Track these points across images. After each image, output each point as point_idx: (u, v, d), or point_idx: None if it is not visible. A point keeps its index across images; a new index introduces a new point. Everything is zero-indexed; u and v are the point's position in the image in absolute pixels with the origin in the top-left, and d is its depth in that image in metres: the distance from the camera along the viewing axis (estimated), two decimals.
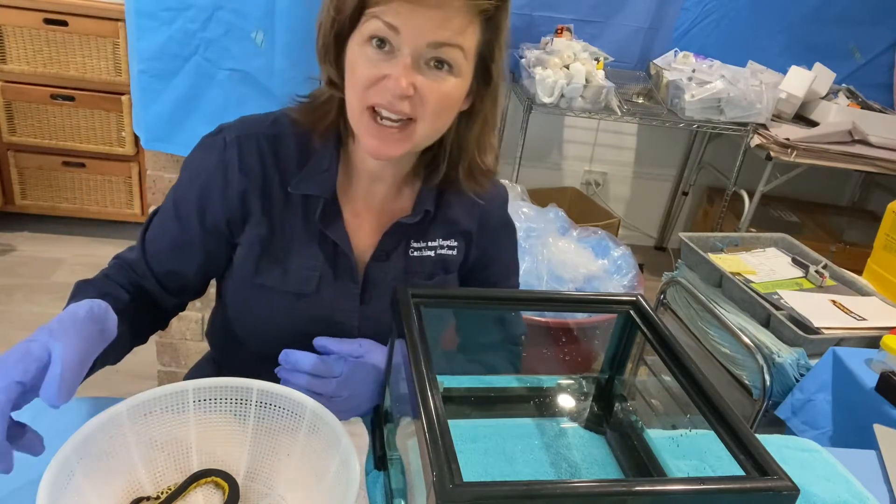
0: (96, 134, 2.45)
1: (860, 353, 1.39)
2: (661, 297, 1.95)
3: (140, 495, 0.65)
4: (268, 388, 0.70)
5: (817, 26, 2.86)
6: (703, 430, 0.61)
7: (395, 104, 0.72)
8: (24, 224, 2.62)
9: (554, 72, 2.41)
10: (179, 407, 0.69)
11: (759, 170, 2.55)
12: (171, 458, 0.68)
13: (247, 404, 0.71)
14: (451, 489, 0.47)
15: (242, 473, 0.70)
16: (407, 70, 0.70)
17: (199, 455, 0.70)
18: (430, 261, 0.89)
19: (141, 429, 0.66)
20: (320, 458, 0.67)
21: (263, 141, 0.83)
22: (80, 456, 0.60)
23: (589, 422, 0.85)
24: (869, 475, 0.89)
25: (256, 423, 0.70)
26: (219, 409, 0.70)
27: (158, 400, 0.67)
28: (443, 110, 0.75)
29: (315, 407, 0.68)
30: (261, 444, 0.70)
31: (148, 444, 0.67)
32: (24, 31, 2.26)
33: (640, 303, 0.76)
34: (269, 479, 0.70)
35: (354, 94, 0.74)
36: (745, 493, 0.52)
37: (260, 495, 0.69)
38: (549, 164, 3.12)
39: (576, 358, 1.90)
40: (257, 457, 0.71)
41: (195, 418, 0.69)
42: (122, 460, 0.65)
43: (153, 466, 0.67)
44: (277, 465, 0.70)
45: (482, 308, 0.80)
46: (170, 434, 0.68)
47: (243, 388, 0.70)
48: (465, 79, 0.76)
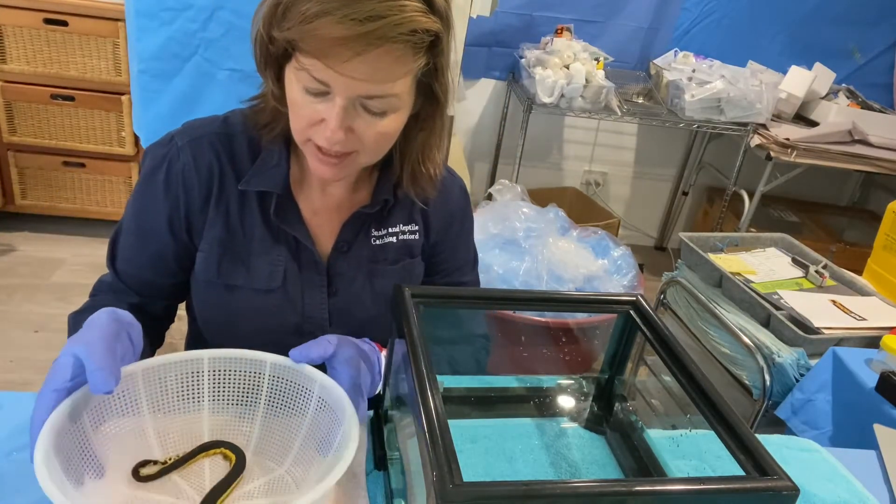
0: (96, 134, 2.45)
1: (860, 353, 1.39)
2: (661, 297, 1.95)
3: (148, 458, 0.66)
4: (281, 362, 0.70)
5: (817, 26, 2.86)
6: (703, 430, 0.61)
7: (333, 146, 0.72)
8: (24, 224, 2.62)
9: (554, 72, 2.41)
10: (194, 375, 0.69)
11: (759, 170, 2.55)
12: (183, 425, 0.69)
13: (260, 377, 0.71)
14: (451, 489, 0.47)
15: (252, 448, 0.70)
16: (340, 117, 0.69)
17: (211, 425, 0.70)
18: (394, 247, 0.90)
19: (154, 393, 0.67)
20: (326, 432, 0.67)
21: (216, 140, 0.82)
22: (90, 405, 0.61)
23: (589, 422, 0.85)
24: (869, 475, 0.89)
25: (268, 397, 0.71)
26: (232, 381, 0.71)
27: (173, 366, 0.68)
28: (382, 143, 0.76)
29: (324, 381, 0.68)
30: (271, 418, 0.71)
31: (160, 410, 0.68)
32: (24, 31, 2.26)
33: (640, 303, 0.76)
34: (277, 455, 0.70)
35: (295, 126, 0.75)
36: (745, 493, 0.52)
37: (265, 470, 0.69)
38: (549, 164, 3.12)
39: (576, 358, 1.90)
40: (267, 431, 0.71)
41: (209, 389, 0.70)
42: (133, 422, 0.65)
43: (164, 432, 0.68)
44: (286, 442, 0.70)
45: (482, 308, 0.80)
46: (183, 402, 0.69)
47: (257, 360, 0.70)
48: (405, 110, 0.75)
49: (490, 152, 3.01)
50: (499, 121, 2.94)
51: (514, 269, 1.98)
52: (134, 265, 0.85)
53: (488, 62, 2.83)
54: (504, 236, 2.08)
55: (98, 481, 0.60)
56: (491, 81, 2.89)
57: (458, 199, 0.96)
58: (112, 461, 0.63)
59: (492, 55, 2.81)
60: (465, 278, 1.01)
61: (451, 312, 0.82)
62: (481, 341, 0.99)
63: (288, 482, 0.68)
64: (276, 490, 0.67)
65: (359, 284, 0.88)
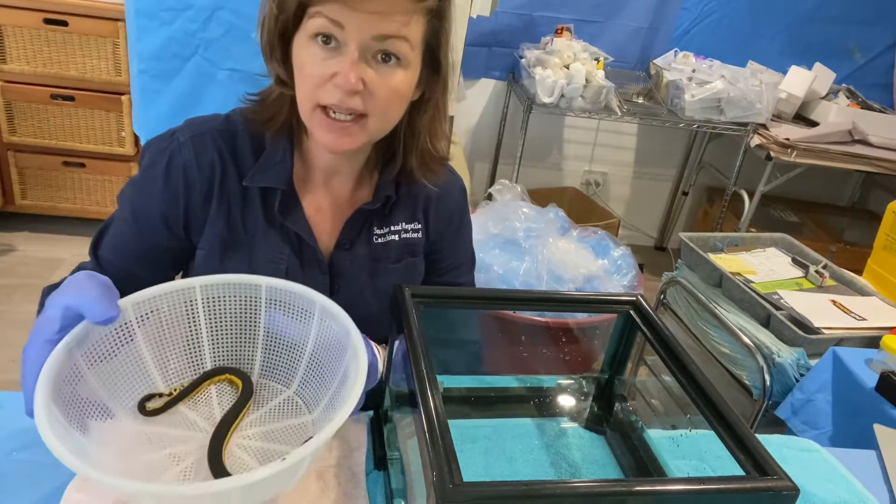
0: (96, 134, 2.45)
1: (860, 353, 1.39)
2: (661, 297, 1.95)
3: (152, 392, 0.65)
4: (276, 285, 0.69)
5: (817, 26, 2.86)
6: (703, 430, 0.61)
7: (346, 101, 0.72)
8: (24, 224, 2.62)
9: (554, 72, 2.41)
10: (187, 305, 0.67)
11: (759, 170, 2.55)
12: (184, 356, 0.68)
13: (256, 302, 0.69)
14: (451, 489, 0.47)
15: (256, 371, 0.69)
16: (354, 65, 0.70)
17: (213, 353, 0.69)
18: (395, 245, 0.90)
19: (149, 327, 0.65)
20: (331, 353, 0.67)
21: (218, 137, 0.82)
22: (84, 347, 0.59)
23: (589, 422, 0.85)
24: (869, 475, 0.89)
25: (269, 319, 0.70)
26: (228, 307, 0.69)
27: (165, 297, 0.65)
28: (393, 103, 0.76)
29: (324, 302, 0.67)
30: (273, 341, 0.70)
31: (157, 342, 0.66)
32: (24, 31, 2.26)
33: (640, 303, 0.76)
34: (283, 377, 0.69)
35: (304, 92, 0.74)
36: (745, 493, 0.52)
37: (274, 393, 0.69)
38: (549, 164, 3.12)
39: (576, 358, 1.90)
40: (271, 354, 0.70)
41: (205, 316, 0.68)
42: (130, 358, 0.64)
43: (165, 365, 0.66)
44: (291, 363, 0.69)
45: (482, 308, 0.80)
46: (180, 332, 0.67)
47: (252, 285, 0.69)
48: (414, 70, 0.76)
49: (490, 152, 3.01)
50: (499, 121, 2.94)
51: (514, 269, 1.98)
52: (120, 254, 0.83)
53: (488, 62, 2.83)
54: (504, 236, 2.08)
55: (104, 422, 0.59)
56: (491, 81, 2.89)
57: (457, 198, 0.96)
58: (115, 400, 0.61)
59: (492, 55, 2.81)
60: (462, 279, 1.00)
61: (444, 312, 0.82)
62: (472, 346, 0.99)
63: (298, 404, 0.68)
64: (287, 413, 0.67)
65: (361, 282, 0.88)
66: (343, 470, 0.71)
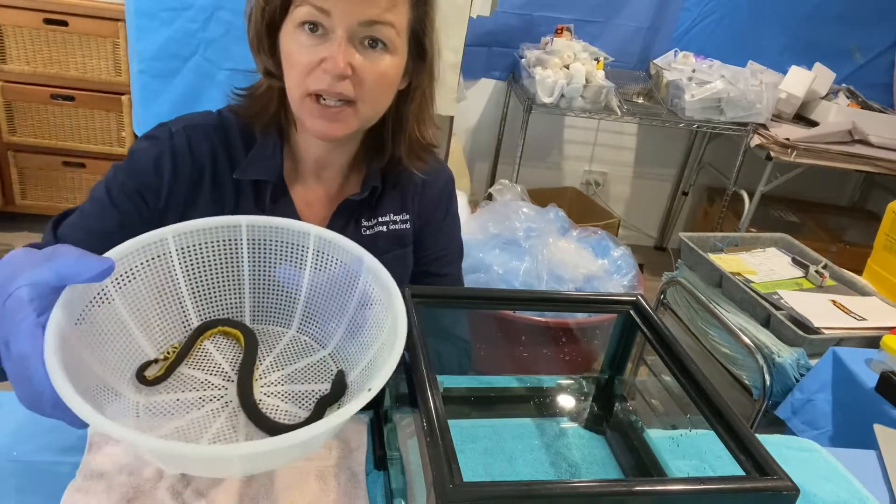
0: (96, 134, 2.45)
1: (860, 353, 1.39)
2: (661, 297, 1.95)
3: (144, 360, 0.60)
4: (258, 223, 0.65)
5: (817, 26, 2.86)
6: (703, 430, 0.61)
7: (335, 86, 0.72)
8: (24, 224, 2.62)
9: (554, 72, 2.41)
10: (162, 258, 0.62)
11: (759, 170, 2.55)
12: (167, 315, 0.63)
13: (237, 245, 0.65)
14: (451, 489, 0.47)
15: (247, 318, 0.66)
16: (342, 50, 0.71)
17: (196, 307, 0.65)
18: (384, 236, 0.90)
19: (126, 290, 0.59)
20: (336, 283, 0.63)
21: (211, 131, 0.83)
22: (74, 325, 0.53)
23: (589, 422, 0.85)
24: (869, 475, 0.89)
25: (252, 260, 0.65)
26: (206, 254, 0.64)
27: (136, 254, 0.60)
28: (381, 89, 0.77)
29: (320, 232, 0.64)
30: (261, 282, 0.65)
31: (137, 306, 0.60)
32: (24, 31, 2.26)
33: (640, 303, 0.76)
34: (280, 318, 0.66)
35: (293, 81, 0.75)
36: (745, 493, 0.52)
37: (276, 336, 0.65)
38: (549, 164, 3.12)
39: (576, 358, 1.90)
40: (261, 298, 0.66)
41: (182, 268, 0.63)
42: (114, 328, 0.58)
43: (150, 329, 0.61)
44: (286, 302, 0.66)
45: (482, 308, 0.80)
46: (158, 290, 0.62)
47: (230, 226, 0.64)
48: (401, 56, 0.77)
49: (490, 152, 3.01)
50: (499, 121, 2.94)
51: (514, 269, 1.98)
52: (82, 231, 0.79)
53: (488, 62, 2.83)
54: (504, 236, 2.08)
55: (114, 403, 0.55)
56: (491, 81, 2.89)
57: (444, 186, 0.96)
58: (116, 378, 0.57)
59: (492, 55, 2.81)
60: (445, 270, 0.99)
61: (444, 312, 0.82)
62: (462, 343, 0.98)
63: (306, 342, 0.65)
64: (298, 353, 0.64)
65: None
66: (343, 470, 0.71)
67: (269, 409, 0.60)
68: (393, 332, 0.56)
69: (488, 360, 1.77)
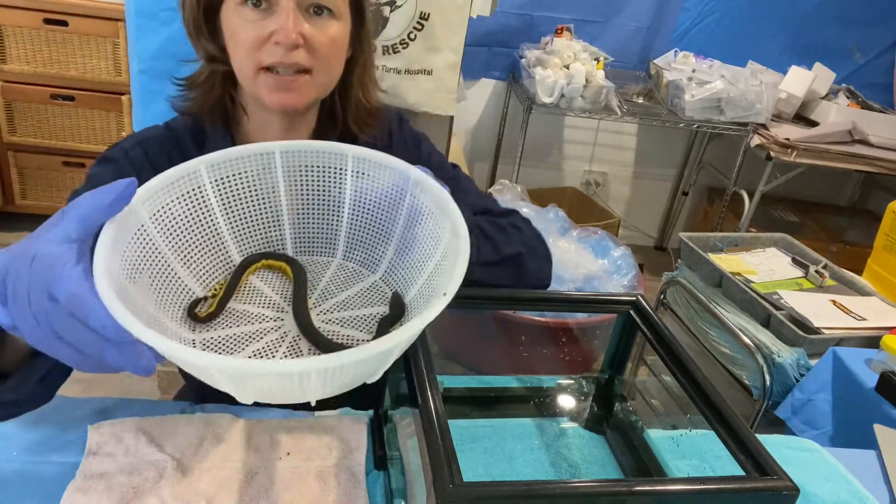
0: (96, 134, 2.45)
1: (860, 353, 1.39)
2: (661, 297, 1.95)
3: (193, 298, 0.58)
4: (291, 147, 0.61)
5: (817, 26, 2.86)
6: (703, 430, 0.61)
7: (289, 57, 0.72)
8: (24, 224, 2.62)
9: (554, 72, 2.41)
10: (196, 192, 0.59)
11: (759, 170, 2.55)
12: (208, 251, 0.60)
13: (271, 171, 0.61)
14: (451, 489, 0.47)
15: (289, 249, 0.63)
16: (291, 19, 0.70)
17: (236, 241, 0.62)
18: None
19: (164, 226, 0.56)
20: (380, 203, 0.60)
21: (164, 140, 0.83)
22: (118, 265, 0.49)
23: (589, 422, 0.85)
24: (869, 475, 0.89)
25: (289, 188, 0.62)
26: (242, 184, 0.61)
27: (170, 189, 0.57)
28: (334, 55, 0.77)
29: (357, 151, 0.60)
30: (300, 209, 0.63)
31: (176, 242, 0.58)
32: (24, 31, 2.26)
33: (640, 303, 0.76)
34: (324, 246, 0.63)
35: (243, 58, 0.74)
36: (745, 493, 0.52)
37: (322, 265, 0.63)
38: (549, 164, 3.12)
39: (576, 358, 1.90)
40: (301, 226, 0.63)
41: (218, 201, 0.60)
42: (157, 266, 0.55)
43: (193, 266, 0.59)
44: (328, 228, 0.63)
45: (482, 308, 0.80)
46: (195, 224, 0.59)
47: (263, 153, 0.61)
48: (346, 21, 0.77)
49: (490, 152, 3.01)
50: (499, 121, 2.94)
51: None
52: None
53: (488, 62, 2.83)
54: None
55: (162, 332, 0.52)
56: (491, 81, 2.89)
57: (398, 132, 0.94)
58: (166, 316, 0.55)
59: (492, 55, 2.81)
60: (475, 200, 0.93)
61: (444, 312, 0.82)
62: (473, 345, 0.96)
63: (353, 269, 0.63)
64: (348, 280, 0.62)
65: None
66: (343, 470, 0.71)
67: (329, 335, 0.58)
68: (454, 235, 0.53)
69: (488, 360, 1.77)
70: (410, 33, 1.77)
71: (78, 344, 0.43)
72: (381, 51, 1.79)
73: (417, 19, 1.75)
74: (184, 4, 0.76)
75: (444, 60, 1.82)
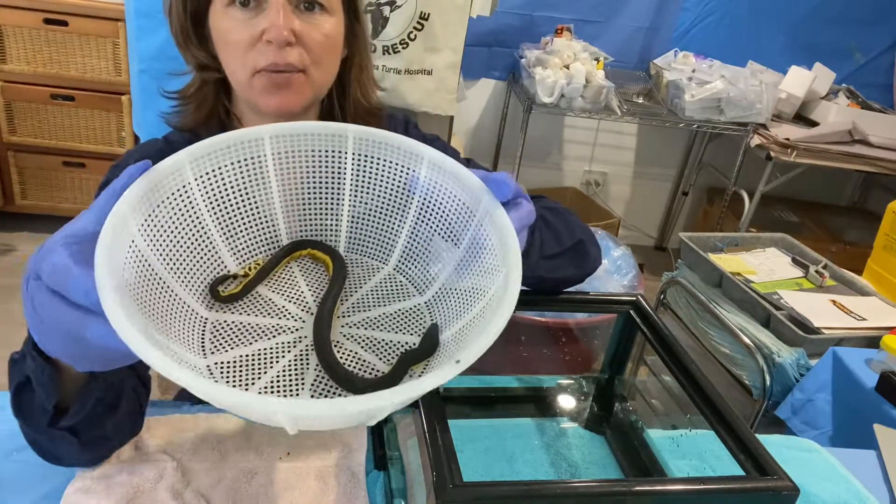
0: (96, 134, 2.45)
1: (860, 353, 1.39)
2: (661, 297, 1.95)
3: (222, 273, 0.54)
4: (367, 136, 0.56)
5: (817, 26, 2.86)
6: (703, 430, 0.61)
7: (282, 56, 0.69)
8: (24, 224, 2.62)
9: (554, 72, 2.41)
10: (255, 162, 0.55)
11: (759, 170, 2.55)
12: (255, 227, 0.57)
13: (340, 158, 0.57)
14: (451, 489, 0.47)
15: (343, 244, 0.60)
16: (282, 15, 0.68)
17: (288, 223, 0.58)
18: None
19: (211, 190, 0.53)
20: (446, 218, 0.55)
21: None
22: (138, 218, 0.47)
23: (589, 422, 0.85)
24: (869, 475, 0.89)
25: (356, 177, 0.58)
26: (306, 162, 0.57)
27: (227, 152, 0.54)
28: (329, 52, 0.74)
29: (433, 155, 0.55)
30: (363, 205, 0.59)
31: (222, 211, 0.55)
32: (24, 31, 2.26)
33: (640, 303, 0.76)
34: (378, 251, 0.60)
35: (236, 62, 0.71)
36: (745, 493, 0.52)
37: (370, 270, 0.59)
38: (549, 164, 3.12)
39: (576, 358, 1.90)
40: (360, 223, 0.59)
41: (277, 176, 0.56)
42: (192, 231, 0.53)
43: (233, 238, 0.56)
44: (387, 232, 0.59)
45: None
46: (248, 196, 0.56)
47: (336, 135, 0.57)
48: (339, 16, 0.75)
49: (490, 152, 3.01)
50: (499, 121, 2.94)
51: None
52: None
53: (488, 62, 2.83)
54: None
55: (178, 317, 0.50)
56: (491, 81, 2.89)
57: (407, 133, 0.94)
58: (183, 285, 0.51)
59: (492, 55, 2.81)
60: None
61: None
62: None
63: (402, 283, 0.58)
64: (391, 294, 0.57)
65: None
66: (343, 470, 0.71)
67: (345, 354, 0.53)
68: (502, 288, 0.47)
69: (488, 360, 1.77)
70: (410, 33, 1.77)
71: (60, 323, 0.41)
72: (381, 51, 1.79)
73: (417, 19, 1.75)
74: (171, 14, 0.74)
75: (444, 60, 1.82)
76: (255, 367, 0.50)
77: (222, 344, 0.51)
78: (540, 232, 0.75)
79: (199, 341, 0.50)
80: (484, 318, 0.48)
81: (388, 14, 1.74)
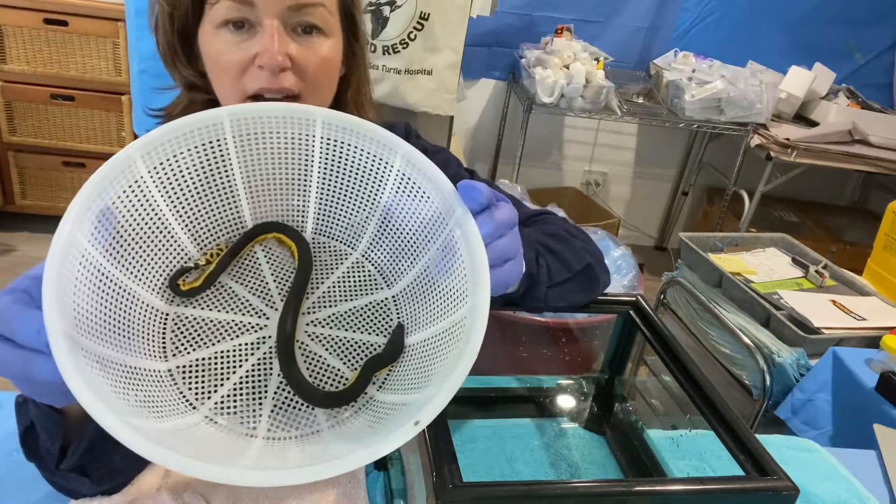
0: (96, 134, 2.45)
1: (860, 353, 1.39)
2: (661, 297, 1.95)
3: (184, 263, 0.52)
4: (336, 121, 0.54)
5: (817, 26, 2.86)
6: (703, 430, 0.61)
7: (276, 82, 0.64)
8: (24, 224, 2.62)
9: (554, 72, 2.41)
10: (214, 146, 0.53)
11: (759, 170, 2.55)
12: (215, 208, 0.55)
13: (307, 142, 0.55)
14: (451, 489, 0.47)
15: (310, 228, 0.58)
16: (276, 40, 0.63)
17: (252, 206, 0.56)
18: None
19: (167, 178, 0.51)
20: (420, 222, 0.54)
21: None
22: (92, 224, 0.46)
23: (589, 422, 0.85)
24: (869, 475, 0.89)
25: (324, 161, 0.56)
26: (269, 146, 0.55)
27: (182, 140, 0.51)
28: (326, 77, 0.70)
29: (409, 151, 0.53)
30: (331, 187, 0.57)
31: (180, 198, 0.52)
32: (24, 31, 2.26)
33: (640, 303, 0.76)
34: (346, 234, 0.58)
35: (227, 86, 0.67)
36: (745, 493, 0.52)
37: (336, 255, 0.57)
38: (549, 164, 3.12)
39: (576, 358, 1.89)
40: (328, 204, 0.57)
41: (239, 159, 0.54)
42: (150, 224, 0.50)
43: (193, 224, 0.54)
44: (357, 216, 0.57)
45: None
46: (208, 182, 0.54)
47: (303, 119, 0.54)
48: (337, 37, 0.70)
49: (490, 152, 3.01)
50: (499, 121, 2.94)
51: None
52: None
53: (488, 62, 2.83)
54: None
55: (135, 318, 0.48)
56: (491, 81, 2.89)
57: None
58: (139, 282, 0.49)
59: (492, 55, 2.81)
60: None
61: None
62: None
63: (370, 273, 0.57)
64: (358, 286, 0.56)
65: None
66: None
67: (310, 358, 0.51)
68: (465, 339, 0.47)
69: (488, 360, 1.76)
70: (410, 33, 1.77)
71: (8, 366, 0.41)
72: (381, 51, 1.79)
73: (417, 19, 1.76)
74: (157, 29, 0.70)
75: (444, 60, 1.82)
76: (217, 372, 0.49)
77: (183, 344, 0.50)
78: (545, 259, 0.72)
79: (161, 342, 0.49)
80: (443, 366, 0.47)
81: (388, 14, 1.74)
